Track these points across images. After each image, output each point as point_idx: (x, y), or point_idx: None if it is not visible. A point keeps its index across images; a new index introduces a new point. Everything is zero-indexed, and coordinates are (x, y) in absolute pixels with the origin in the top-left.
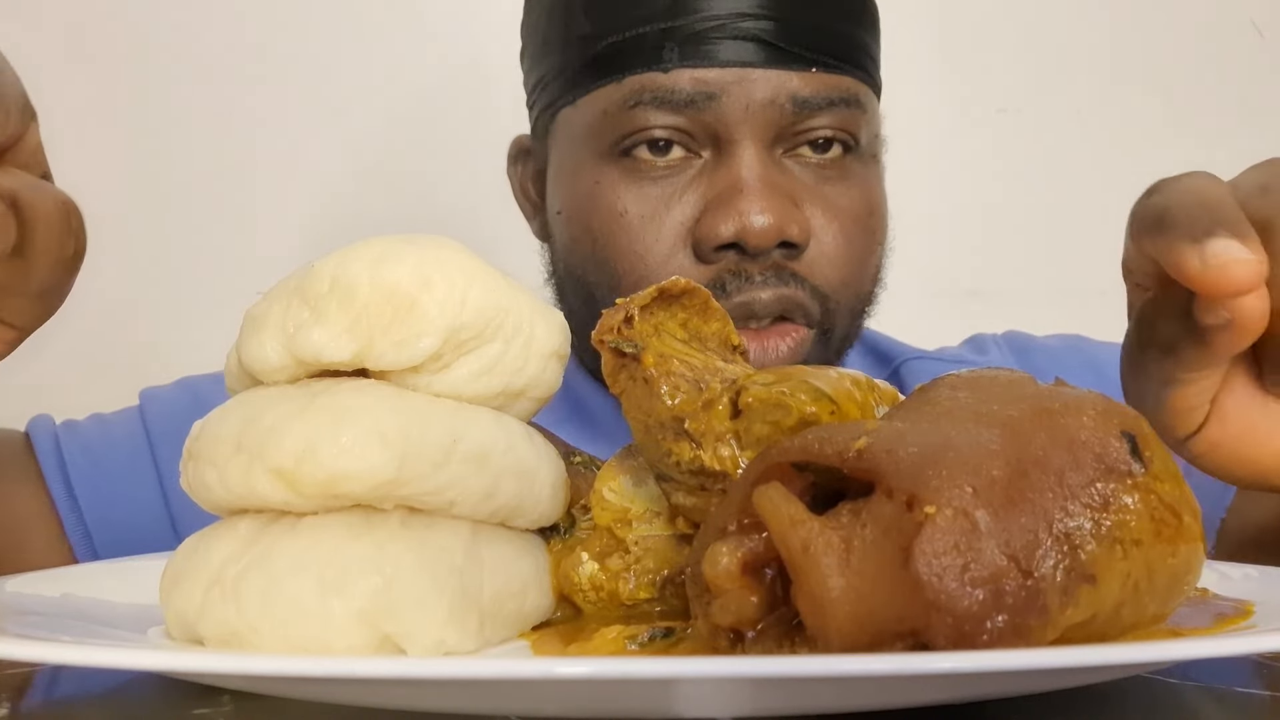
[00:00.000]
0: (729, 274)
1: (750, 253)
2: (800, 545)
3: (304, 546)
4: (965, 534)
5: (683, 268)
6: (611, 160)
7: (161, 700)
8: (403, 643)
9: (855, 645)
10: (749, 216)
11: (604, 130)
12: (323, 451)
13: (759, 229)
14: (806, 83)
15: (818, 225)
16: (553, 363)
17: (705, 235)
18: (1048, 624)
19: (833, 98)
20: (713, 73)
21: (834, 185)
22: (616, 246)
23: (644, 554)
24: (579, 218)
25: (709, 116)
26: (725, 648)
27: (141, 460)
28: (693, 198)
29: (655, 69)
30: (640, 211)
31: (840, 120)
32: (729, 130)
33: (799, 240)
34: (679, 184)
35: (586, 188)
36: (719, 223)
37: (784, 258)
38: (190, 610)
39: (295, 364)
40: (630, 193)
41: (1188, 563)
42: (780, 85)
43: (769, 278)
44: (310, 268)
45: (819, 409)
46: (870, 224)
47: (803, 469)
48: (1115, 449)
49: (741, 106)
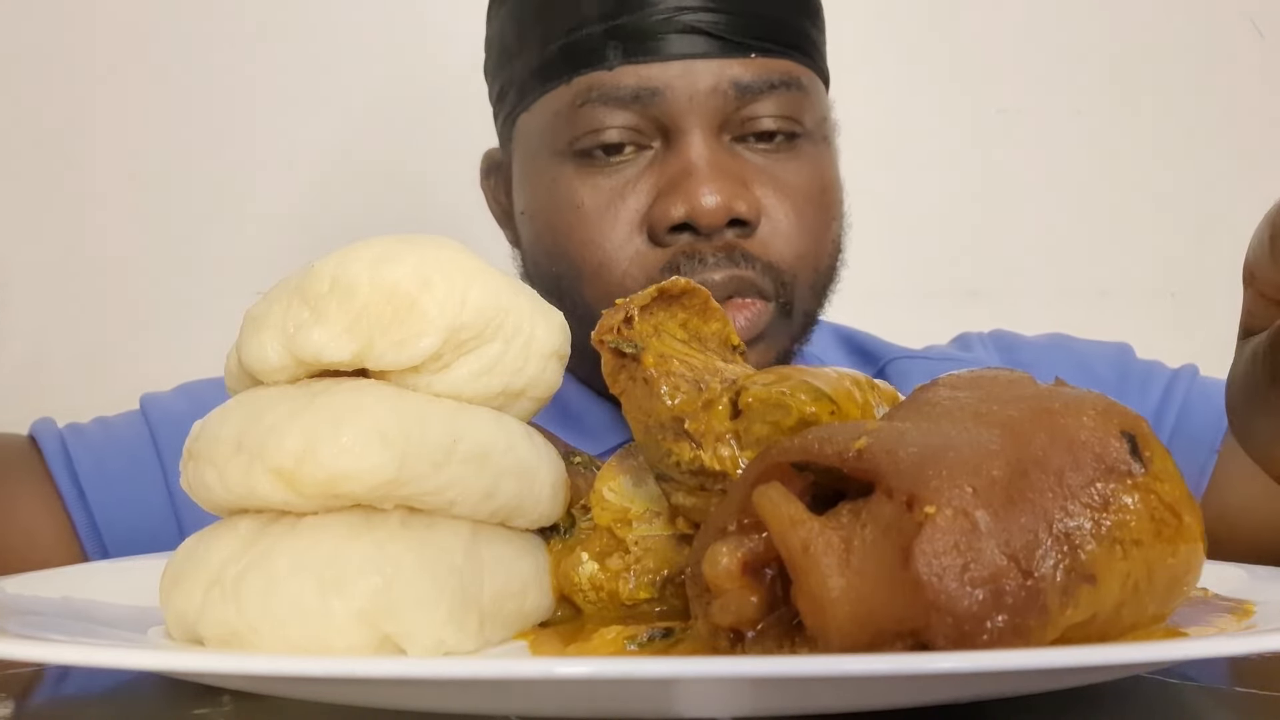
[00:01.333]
0: (683, 256)
1: (703, 232)
2: (800, 545)
3: (304, 546)
4: (965, 534)
5: (639, 252)
6: (567, 158)
7: (162, 700)
8: (403, 643)
9: (855, 645)
10: (699, 197)
11: (557, 131)
12: (323, 451)
13: (709, 208)
14: (747, 68)
15: (769, 203)
16: (553, 363)
17: (658, 218)
18: (1048, 624)
19: (774, 81)
20: (656, 67)
21: (783, 165)
22: (575, 238)
23: (644, 554)
24: (540, 215)
25: (655, 110)
26: (725, 648)
27: (147, 460)
28: (645, 186)
29: (600, 68)
30: (596, 203)
31: (783, 103)
32: (675, 121)
33: (749, 217)
34: (631, 174)
35: (545, 186)
36: (670, 205)
37: (736, 237)
38: (190, 610)
39: (295, 364)
40: (585, 186)
41: (1188, 563)
42: (721, 73)
43: (720, 260)
44: (310, 268)
45: (819, 409)
46: (823, 200)
47: (803, 469)
48: (1115, 449)
49: (686, 98)
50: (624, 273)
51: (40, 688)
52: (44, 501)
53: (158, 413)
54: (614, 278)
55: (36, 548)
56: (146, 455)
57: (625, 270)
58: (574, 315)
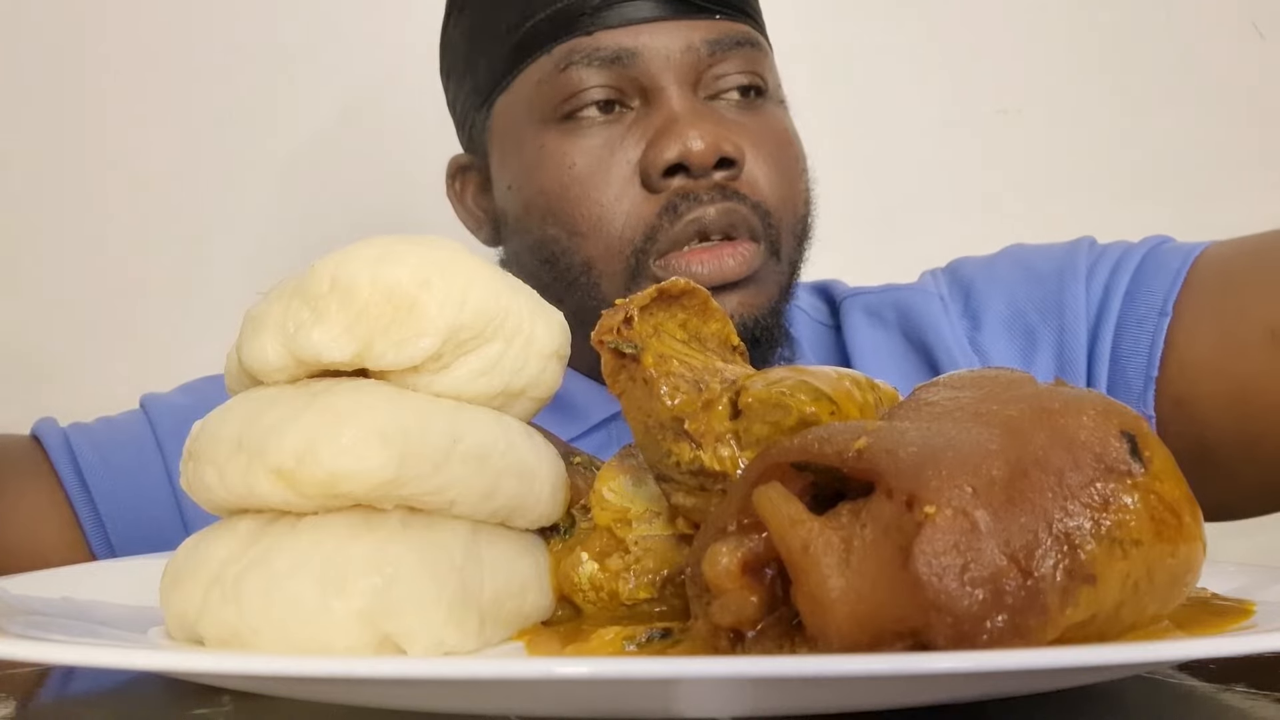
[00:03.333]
0: (678, 197)
1: (694, 173)
2: (800, 545)
3: (304, 546)
4: (965, 534)
5: (635, 201)
6: (553, 124)
7: (162, 700)
8: (403, 642)
9: (855, 645)
10: (688, 140)
11: (542, 98)
12: (323, 451)
13: (699, 149)
14: (712, 29)
15: (748, 147)
16: (553, 363)
17: (651, 163)
18: (1047, 624)
19: (738, 39)
20: (630, 30)
21: (753, 117)
22: (569, 196)
23: (644, 554)
24: (530, 183)
25: (634, 71)
26: (725, 648)
27: (150, 454)
28: (633, 139)
29: (579, 34)
30: (587, 161)
31: (748, 60)
32: (654, 79)
33: (735, 156)
34: (618, 131)
35: (533, 155)
36: (663, 148)
37: (725, 178)
38: (190, 610)
39: (295, 364)
40: (575, 147)
41: (1187, 562)
42: (691, 33)
43: (715, 195)
44: (310, 268)
45: (819, 409)
46: (790, 152)
47: (802, 469)
48: (1115, 449)
49: (662, 57)
50: (623, 224)
51: (41, 688)
52: (49, 497)
53: (158, 408)
54: (614, 229)
55: (42, 544)
56: (149, 449)
57: (624, 221)
58: (570, 281)
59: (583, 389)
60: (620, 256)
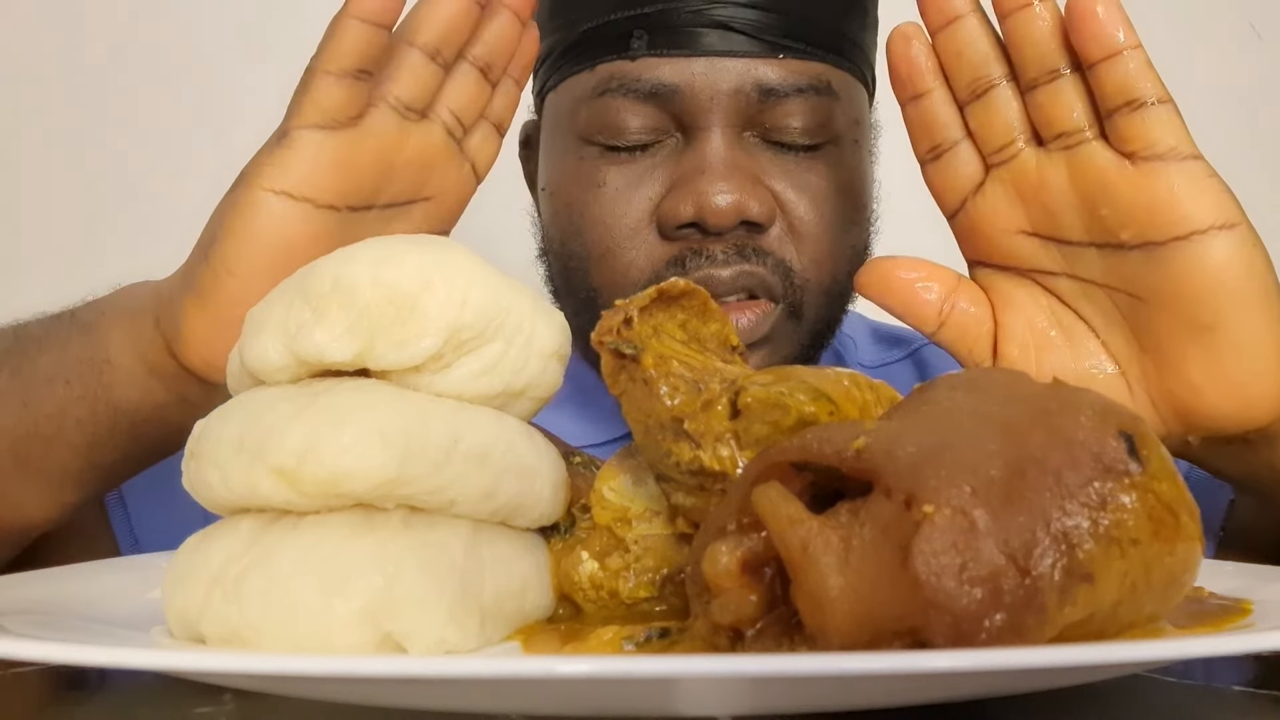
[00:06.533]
0: (690, 252)
1: (711, 231)
2: (799, 544)
3: (305, 546)
4: (963, 533)
5: (647, 243)
6: (588, 142)
7: (163, 699)
8: (404, 642)
9: (854, 644)
10: (709, 196)
11: (577, 116)
12: (324, 451)
13: (718, 208)
14: (774, 70)
15: (787, 200)
16: (553, 363)
17: (667, 214)
18: (1045, 623)
19: (800, 85)
20: (679, 62)
21: (806, 165)
22: (590, 216)
23: (644, 553)
24: (561, 192)
25: (674, 108)
26: (725, 646)
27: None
28: (661, 175)
29: (623, 57)
30: (617, 184)
31: (810, 109)
32: (695, 119)
33: (760, 219)
34: (653, 162)
35: (571, 165)
36: (679, 203)
37: (744, 237)
38: (192, 609)
39: (297, 364)
40: (611, 167)
41: (1185, 562)
42: (746, 74)
43: (730, 255)
44: (312, 268)
45: (818, 409)
46: (845, 204)
47: (802, 469)
48: (1113, 448)
49: (707, 97)
50: (629, 262)
51: (42, 687)
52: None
53: None
54: (619, 265)
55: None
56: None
57: (631, 260)
58: (581, 299)
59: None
60: (624, 296)
